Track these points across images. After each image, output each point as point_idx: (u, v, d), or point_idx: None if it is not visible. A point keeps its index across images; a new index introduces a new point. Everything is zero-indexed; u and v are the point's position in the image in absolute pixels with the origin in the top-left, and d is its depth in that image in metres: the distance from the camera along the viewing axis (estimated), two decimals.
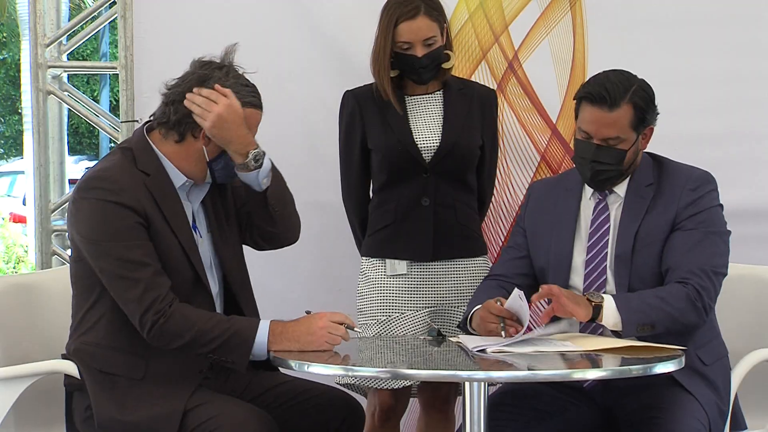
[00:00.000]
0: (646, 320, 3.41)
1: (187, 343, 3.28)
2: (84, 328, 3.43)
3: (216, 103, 3.34)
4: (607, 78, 3.60)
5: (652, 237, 3.58)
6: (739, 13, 4.61)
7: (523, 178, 4.69)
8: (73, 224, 3.38)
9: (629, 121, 3.57)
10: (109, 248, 3.30)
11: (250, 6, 4.78)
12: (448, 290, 4.17)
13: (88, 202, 3.34)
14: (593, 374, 3.28)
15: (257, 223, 3.59)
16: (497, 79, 4.70)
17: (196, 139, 3.41)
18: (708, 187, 3.63)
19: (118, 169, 3.38)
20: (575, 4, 4.66)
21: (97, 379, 3.39)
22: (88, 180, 3.37)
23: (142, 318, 3.27)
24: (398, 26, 4.06)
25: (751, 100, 4.63)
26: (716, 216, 3.62)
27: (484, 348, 3.27)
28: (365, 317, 4.16)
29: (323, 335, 3.29)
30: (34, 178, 5.10)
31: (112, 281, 3.31)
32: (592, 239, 3.65)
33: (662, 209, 3.60)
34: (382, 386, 4.13)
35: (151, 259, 3.31)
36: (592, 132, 3.58)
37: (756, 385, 3.83)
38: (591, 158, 3.58)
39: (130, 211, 3.31)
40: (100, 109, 5.32)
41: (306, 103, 4.75)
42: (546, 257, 3.69)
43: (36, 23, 5.01)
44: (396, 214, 4.15)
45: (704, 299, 3.48)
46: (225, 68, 3.42)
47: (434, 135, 4.13)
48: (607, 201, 3.67)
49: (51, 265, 5.04)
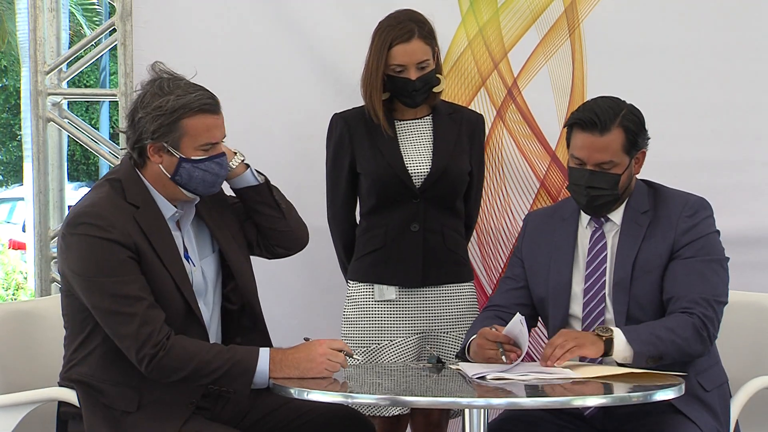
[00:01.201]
0: (655, 352, 3.41)
1: (187, 375, 3.27)
2: (76, 360, 3.41)
3: None
4: (596, 104, 3.62)
5: (650, 265, 3.58)
6: (737, 45, 4.62)
7: (523, 205, 4.69)
8: (63, 260, 3.36)
9: (621, 144, 3.57)
10: (101, 284, 3.27)
11: (249, 35, 4.79)
12: (436, 316, 4.16)
13: (78, 238, 3.30)
14: (593, 401, 3.27)
15: (267, 226, 3.58)
16: (496, 105, 4.70)
17: (151, 159, 3.38)
18: (704, 213, 3.63)
19: (107, 203, 3.34)
20: (574, 32, 4.67)
21: (94, 408, 3.37)
22: (76, 216, 3.33)
23: (139, 353, 3.25)
24: (392, 49, 4.06)
25: (748, 130, 4.63)
26: (714, 242, 3.62)
27: (484, 375, 3.27)
28: (353, 342, 4.14)
29: (323, 362, 3.28)
30: (34, 205, 5.10)
31: (105, 317, 3.29)
32: (590, 267, 3.65)
33: (660, 236, 3.60)
34: (382, 413, 4.12)
35: (144, 292, 3.28)
36: (584, 158, 3.59)
37: (757, 412, 3.82)
38: (586, 184, 3.59)
39: (120, 247, 3.28)
40: (99, 136, 5.33)
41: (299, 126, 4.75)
42: (545, 287, 3.69)
43: (36, 50, 5.02)
44: (385, 239, 4.14)
45: (709, 329, 3.48)
46: (170, 78, 3.39)
47: (425, 161, 4.13)
48: (603, 229, 3.67)
49: (50, 292, 5.03)
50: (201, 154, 3.37)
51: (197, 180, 3.38)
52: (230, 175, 3.53)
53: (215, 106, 3.39)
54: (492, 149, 4.68)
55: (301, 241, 3.70)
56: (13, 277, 13.02)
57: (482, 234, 4.68)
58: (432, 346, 4.12)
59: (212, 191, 3.46)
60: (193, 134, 3.34)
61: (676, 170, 3.98)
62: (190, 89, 3.36)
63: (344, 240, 4.28)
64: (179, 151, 3.35)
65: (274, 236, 3.61)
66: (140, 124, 3.35)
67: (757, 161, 4.63)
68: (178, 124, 3.33)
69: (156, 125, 3.32)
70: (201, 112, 3.35)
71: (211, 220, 3.53)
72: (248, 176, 3.54)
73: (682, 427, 3.47)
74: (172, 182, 3.38)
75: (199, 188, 3.41)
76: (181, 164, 3.35)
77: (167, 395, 3.34)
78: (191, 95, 3.34)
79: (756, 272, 4.34)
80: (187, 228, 3.48)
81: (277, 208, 3.58)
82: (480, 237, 4.68)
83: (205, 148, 3.37)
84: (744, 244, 4.11)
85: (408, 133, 4.18)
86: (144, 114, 3.34)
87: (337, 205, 4.26)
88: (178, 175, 3.37)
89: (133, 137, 3.38)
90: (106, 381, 3.37)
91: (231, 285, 3.55)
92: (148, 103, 3.34)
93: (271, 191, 3.57)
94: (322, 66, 4.76)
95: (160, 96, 3.33)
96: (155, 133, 3.33)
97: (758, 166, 4.63)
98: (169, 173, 3.37)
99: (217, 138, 3.39)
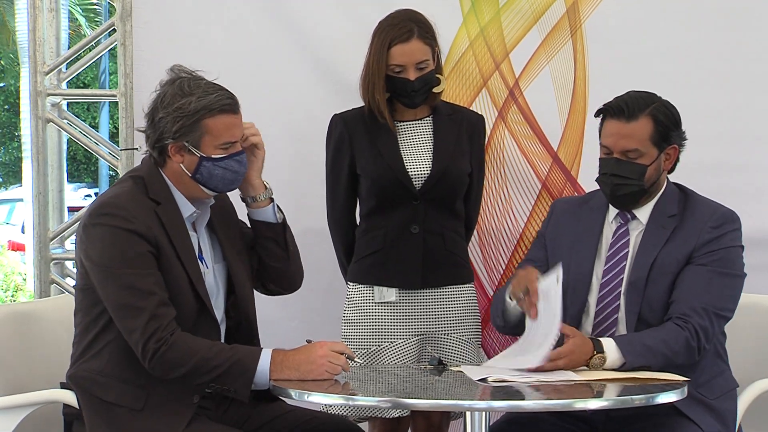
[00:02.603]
0: (646, 364, 3.41)
1: (188, 372, 3.27)
2: (87, 356, 3.42)
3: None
4: (629, 94, 3.64)
5: (667, 268, 3.57)
6: (738, 46, 4.62)
7: (524, 206, 4.68)
8: (83, 250, 3.38)
9: (648, 134, 3.57)
10: (117, 275, 3.30)
11: (249, 35, 4.79)
12: (437, 318, 4.14)
13: (100, 228, 3.34)
14: (595, 404, 3.26)
15: (269, 262, 3.60)
16: (498, 106, 4.69)
17: (172, 159, 3.43)
18: (731, 226, 3.62)
19: (130, 196, 3.39)
20: (576, 32, 4.66)
21: (95, 409, 3.37)
22: (100, 206, 3.38)
23: (145, 346, 3.26)
24: (391, 49, 4.04)
25: (749, 131, 4.64)
26: (734, 257, 3.61)
27: (486, 378, 3.25)
28: (353, 344, 4.12)
29: (323, 364, 3.28)
30: (33, 206, 5.09)
31: (116, 309, 3.31)
32: (610, 263, 3.64)
33: (681, 242, 3.59)
34: (382, 415, 4.11)
35: (158, 288, 3.31)
36: (611, 145, 3.59)
37: (760, 414, 3.82)
38: (611, 172, 3.58)
39: (141, 239, 3.32)
40: (99, 137, 5.32)
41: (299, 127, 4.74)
42: (566, 274, 3.67)
43: (35, 51, 5.01)
44: (385, 241, 4.13)
45: (701, 340, 3.48)
46: (190, 78, 3.43)
47: (425, 162, 4.12)
48: (628, 226, 3.67)
49: (49, 294, 5.02)
50: (221, 153, 3.41)
51: (217, 178, 3.43)
52: (253, 205, 3.59)
53: (235, 106, 3.44)
54: (493, 150, 4.67)
55: (295, 285, 3.74)
56: (12, 278, 13.02)
57: (483, 235, 4.67)
58: (433, 348, 4.10)
59: (231, 188, 3.51)
60: (213, 134, 3.40)
61: (678, 171, 3.94)
62: (210, 90, 3.41)
63: (344, 241, 4.27)
64: (200, 150, 3.40)
65: (272, 272, 3.64)
66: (161, 123, 3.40)
67: (759, 163, 4.64)
68: (200, 124, 3.38)
69: (178, 125, 3.37)
70: (221, 113, 3.40)
71: (222, 232, 3.56)
72: (269, 212, 3.58)
73: (684, 429, 3.46)
74: (192, 180, 3.43)
75: (219, 186, 3.46)
76: (202, 163, 3.40)
77: (173, 395, 3.35)
78: (212, 96, 3.39)
79: (758, 274, 4.31)
80: (201, 231, 3.52)
81: (285, 249, 3.62)
82: (481, 238, 4.67)
83: (225, 147, 3.42)
84: (748, 245, 4.06)
85: (408, 135, 4.16)
86: (165, 114, 3.38)
87: (337, 206, 4.25)
88: (198, 173, 3.41)
89: (154, 136, 3.43)
90: (115, 377, 3.37)
91: (231, 299, 3.56)
92: (169, 103, 3.39)
93: (284, 231, 3.60)
94: (321, 66, 4.76)
95: (181, 96, 3.38)
96: (177, 132, 3.38)
97: (759, 168, 4.64)
98: (189, 172, 3.42)
99: (236, 137, 3.44)
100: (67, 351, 3.49)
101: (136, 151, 4.83)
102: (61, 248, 5.12)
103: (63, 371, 3.48)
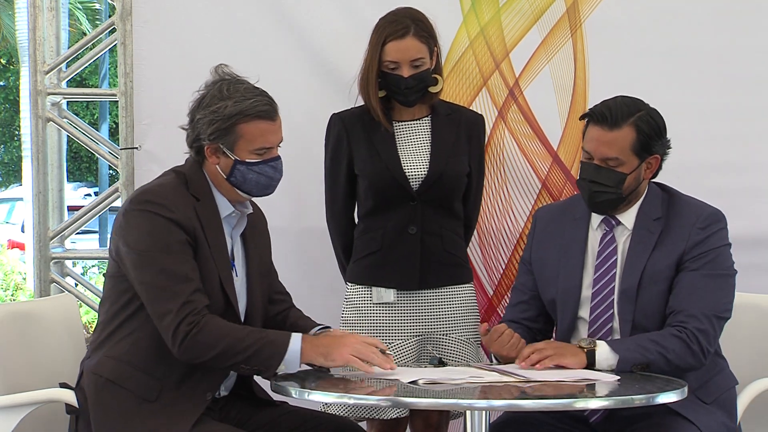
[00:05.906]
0: (641, 359, 3.41)
1: (219, 353, 3.29)
2: (110, 343, 3.44)
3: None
4: (615, 100, 3.62)
5: (658, 275, 3.57)
6: (739, 46, 4.61)
7: (525, 206, 4.67)
8: (121, 235, 3.41)
9: (630, 143, 3.56)
10: (155, 258, 3.34)
11: (249, 35, 4.79)
12: (435, 318, 4.14)
13: (141, 214, 3.38)
14: (595, 403, 3.26)
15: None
16: (498, 106, 4.69)
17: (209, 160, 3.48)
18: (717, 225, 3.61)
19: (172, 188, 3.44)
20: (576, 32, 4.66)
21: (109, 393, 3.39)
22: (142, 193, 3.44)
23: (176, 329, 3.29)
24: (386, 45, 4.04)
25: (750, 131, 4.62)
26: (724, 256, 3.60)
27: (416, 380, 3.25)
28: None
29: (351, 346, 3.32)
30: (33, 205, 5.09)
31: (151, 292, 3.34)
32: (599, 272, 3.63)
33: (670, 246, 3.58)
34: (381, 416, 4.10)
35: (194, 275, 3.36)
36: (592, 150, 3.58)
37: (759, 414, 3.82)
38: (589, 178, 3.58)
39: (180, 229, 3.36)
40: (99, 136, 5.31)
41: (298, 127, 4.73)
42: (555, 289, 3.68)
43: (35, 50, 5.01)
44: (383, 242, 4.12)
45: (701, 342, 3.46)
46: (231, 81, 3.47)
47: (422, 163, 4.11)
48: (614, 233, 3.65)
49: (49, 293, 5.02)
50: (255, 158, 3.45)
51: (251, 182, 3.46)
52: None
53: (272, 112, 3.47)
54: (493, 150, 4.67)
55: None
56: (11, 277, 13.00)
57: (483, 235, 4.67)
58: (432, 348, 4.10)
59: (266, 193, 3.54)
60: (248, 139, 3.43)
61: (678, 172, 3.95)
62: (248, 94, 3.44)
63: (343, 241, 4.27)
64: (234, 153, 3.44)
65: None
66: (199, 124, 3.45)
67: (760, 163, 4.63)
68: (235, 128, 3.42)
69: (213, 128, 3.42)
70: (257, 118, 3.43)
71: (252, 247, 3.59)
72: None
73: (684, 429, 3.45)
74: (227, 182, 3.47)
75: (254, 190, 3.50)
76: (236, 166, 3.44)
77: (186, 393, 3.38)
78: (249, 101, 3.42)
79: (759, 274, 4.33)
80: (236, 238, 3.56)
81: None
82: (481, 238, 4.67)
83: (260, 152, 3.46)
84: (747, 245, 4.08)
85: (406, 135, 4.16)
86: (203, 116, 3.44)
87: (336, 205, 4.25)
88: (233, 176, 3.46)
89: (192, 136, 3.49)
90: (133, 366, 3.40)
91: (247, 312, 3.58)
92: (207, 104, 3.44)
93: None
94: (321, 66, 4.76)
95: (219, 99, 3.42)
96: (212, 135, 3.43)
97: (761, 168, 4.63)
98: (224, 174, 3.46)
99: (272, 143, 3.48)
100: (67, 350, 3.50)
101: (135, 150, 4.83)
102: (61, 247, 5.12)
103: (63, 371, 3.49)
